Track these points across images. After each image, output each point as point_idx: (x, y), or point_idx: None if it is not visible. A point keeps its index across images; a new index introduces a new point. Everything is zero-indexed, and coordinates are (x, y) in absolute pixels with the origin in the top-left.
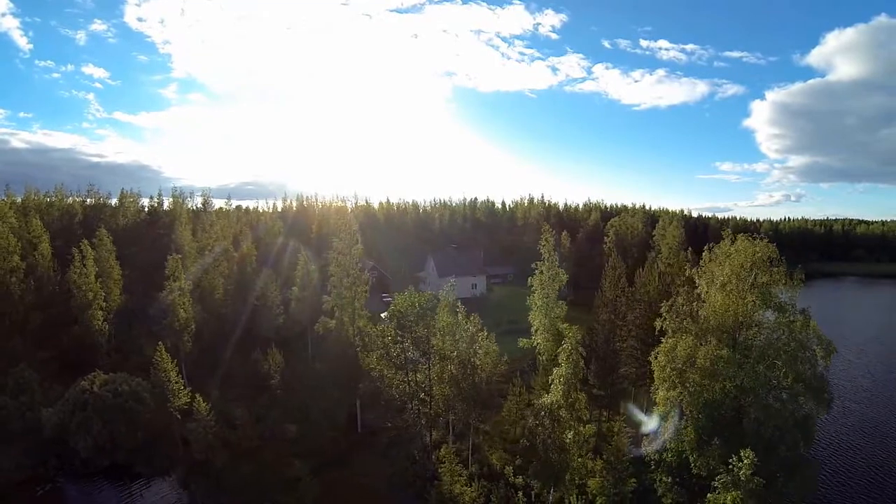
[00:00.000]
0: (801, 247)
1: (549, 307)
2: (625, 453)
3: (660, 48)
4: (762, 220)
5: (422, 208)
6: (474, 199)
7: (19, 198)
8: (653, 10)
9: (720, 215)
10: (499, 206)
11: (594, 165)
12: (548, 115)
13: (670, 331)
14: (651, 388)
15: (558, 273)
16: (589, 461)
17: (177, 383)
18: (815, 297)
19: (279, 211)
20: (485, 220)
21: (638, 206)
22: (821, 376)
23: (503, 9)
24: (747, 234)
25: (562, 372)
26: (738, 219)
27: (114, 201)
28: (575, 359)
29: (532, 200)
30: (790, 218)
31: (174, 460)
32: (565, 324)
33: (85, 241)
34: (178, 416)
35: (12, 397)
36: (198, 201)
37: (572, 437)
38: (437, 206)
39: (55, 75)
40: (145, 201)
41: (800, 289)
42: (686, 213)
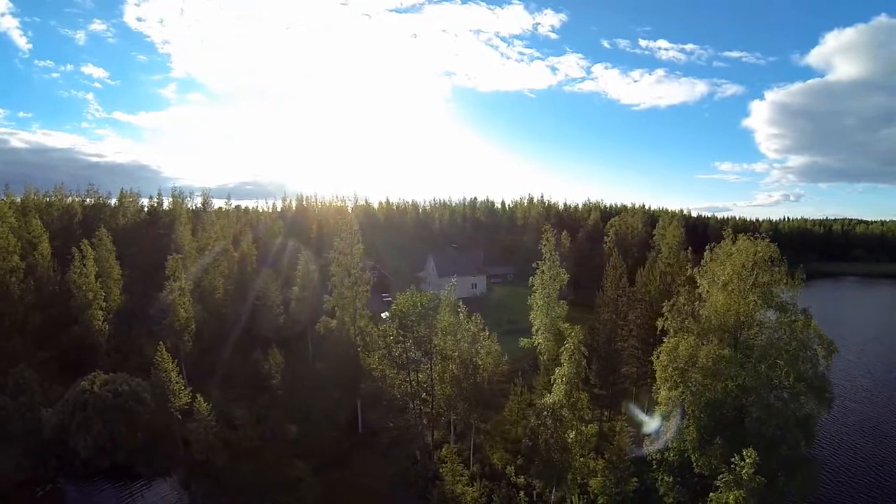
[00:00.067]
0: (801, 247)
1: (550, 307)
2: (626, 453)
3: (659, 48)
4: (761, 219)
5: (421, 208)
6: (474, 198)
7: (19, 198)
8: (652, 10)
9: (719, 215)
10: (498, 205)
11: (594, 165)
12: (547, 114)
13: (672, 330)
14: (653, 388)
15: (559, 273)
16: (591, 461)
17: (177, 383)
18: (815, 296)
19: (279, 211)
20: (484, 220)
21: (637, 205)
22: (822, 376)
23: (502, 8)
24: (748, 233)
25: (564, 371)
26: (738, 219)
27: (113, 201)
28: (577, 358)
29: (532, 200)
30: (789, 218)
31: (175, 461)
32: (566, 323)
33: (85, 240)
34: (179, 417)
35: (12, 398)
36: (197, 201)
37: (574, 437)
38: (437, 205)
39: (54, 75)
40: (145, 201)
41: (801, 288)
42: (685, 212)
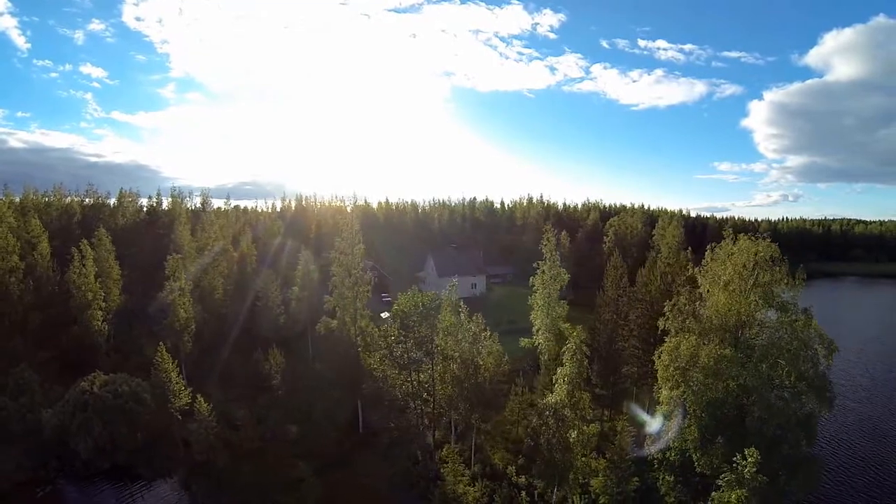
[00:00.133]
0: (800, 247)
1: (550, 307)
2: (628, 452)
3: (658, 48)
4: (760, 220)
5: (421, 208)
6: (473, 198)
7: (18, 197)
8: (651, 10)
9: (718, 215)
10: (498, 206)
11: (593, 165)
12: (546, 114)
13: (673, 330)
14: (654, 388)
15: (560, 273)
16: (592, 460)
17: (177, 384)
18: (814, 296)
19: (278, 211)
20: (484, 220)
21: (637, 205)
22: (823, 375)
23: (501, 8)
24: (748, 233)
25: (566, 371)
26: (737, 219)
27: (112, 201)
28: (579, 358)
29: (531, 200)
30: (788, 218)
31: (175, 461)
32: (567, 323)
33: (84, 240)
34: (179, 417)
35: (12, 398)
36: (196, 201)
37: (576, 437)
38: (437, 205)
39: (53, 75)
40: (144, 201)
41: (801, 288)
42: (684, 212)
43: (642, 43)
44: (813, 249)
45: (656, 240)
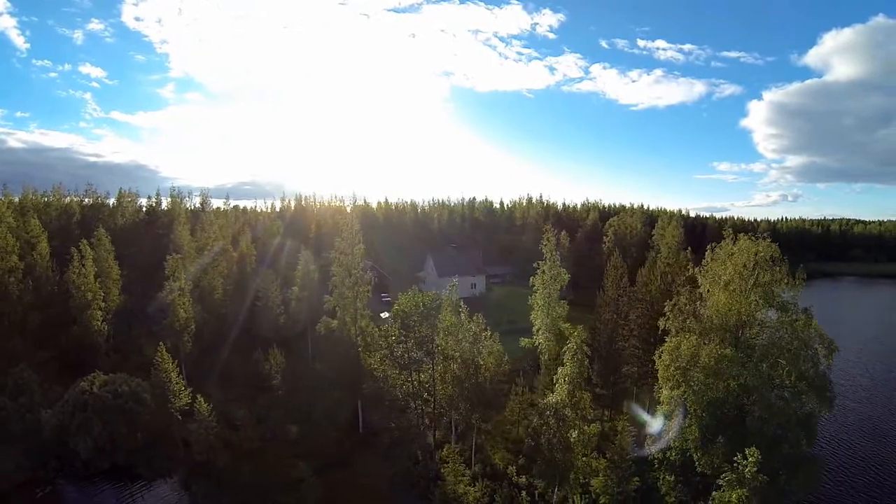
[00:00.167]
0: (799, 247)
1: (550, 307)
2: (628, 452)
3: (657, 48)
4: (759, 220)
5: (420, 208)
6: (473, 198)
7: (17, 197)
8: (650, 10)
9: (717, 215)
10: (497, 206)
11: (592, 165)
12: (545, 114)
13: (674, 330)
14: (654, 388)
15: (560, 273)
16: (593, 460)
17: (177, 384)
18: (814, 296)
19: (277, 211)
20: (483, 220)
21: (636, 205)
22: (823, 375)
23: (501, 8)
24: (748, 233)
25: (567, 371)
26: (736, 219)
27: (112, 201)
28: (580, 358)
29: (530, 200)
30: (787, 218)
31: (175, 461)
32: (567, 323)
33: (84, 240)
34: (179, 417)
35: (12, 398)
36: (196, 201)
37: (577, 437)
38: (436, 205)
39: (52, 75)
40: (143, 201)
41: (802, 288)
42: (684, 212)
43: (641, 43)
44: (812, 249)
45: (656, 240)
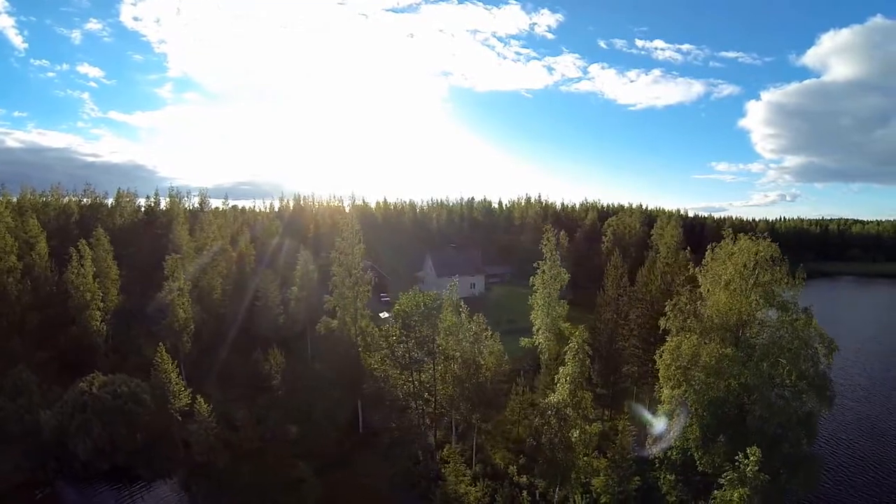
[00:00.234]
0: (797, 246)
1: (550, 306)
2: (629, 452)
3: (656, 48)
4: (758, 219)
5: (419, 208)
6: (471, 198)
7: (15, 197)
8: (649, 10)
9: (716, 215)
10: (496, 205)
11: (590, 165)
12: (544, 114)
13: (674, 329)
14: (655, 387)
15: (560, 272)
16: (594, 460)
17: (177, 384)
18: (812, 296)
19: (276, 211)
20: (482, 220)
21: (635, 205)
22: (823, 374)
23: (499, 8)
24: (747, 233)
25: (568, 371)
26: (735, 218)
27: (110, 201)
28: (581, 357)
29: (529, 200)
30: (786, 218)
31: (175, 462)
32: (567, 323)
33: (82, 240)
34: (179, 418)
35: (10, 399)
36: (194, 201)
37: (578, 436)
38: (435, 205)
39: (50, 74)
40: (142, 201)
41: (802, 287)
42: (682, 212)
43: (640, 43)
44: (810, 249)
45: (655, 239)
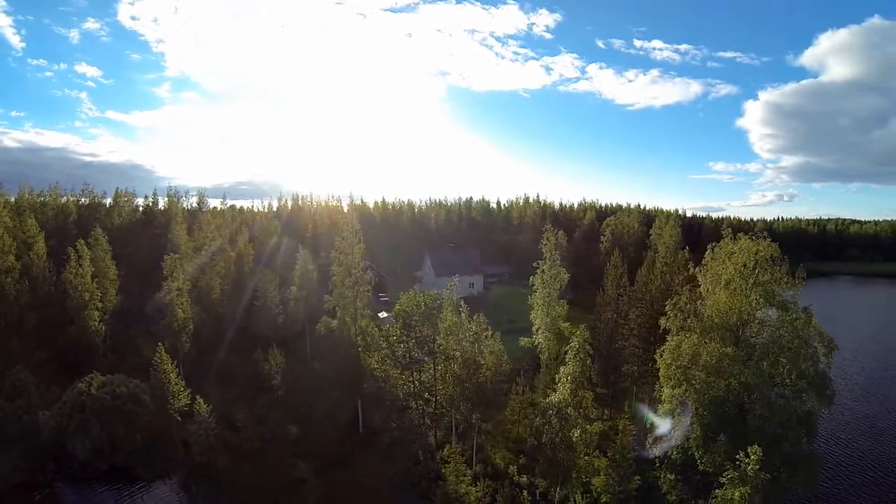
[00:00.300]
0: (795, 246)
1: (550, 306)
2: (630, 451)
3: (653, 48)
4: (755, 219)
5: (417, 208)
6: (469, 198)
7: (13, 197)
8: (647, 11)
9: (714, 215)
10: (494, 205)
11: (588, 165)
12: (542, 114)
13: (674, 329)
14: (655, 387)
15: (560, 272)
16: (595, 459)
17: (176, 384)
18: (810, 296)
19: (274, 210)
20: (480, 220)
21: (633, 205)
22: (823, 373)
23: (497, 8)
24: (746, 233)
25: (569, 370)
26: (732, 218)
27: (108, 201)
28: (582, 357)
29: (527, 200)
30: (783, 218)
31: (174, 463)
32: (566, 323)
33: (81, 240)
34: (178, 418)
35: (9, 400)
36: (193, 201)
37: (579, 436)
38: (433, 205)
39: (48, 74)
40: (140, 201)
41: (801, 287)
42: (681, 212)
43: (638, 43)
44: (808, 249)
45: (653, 239)
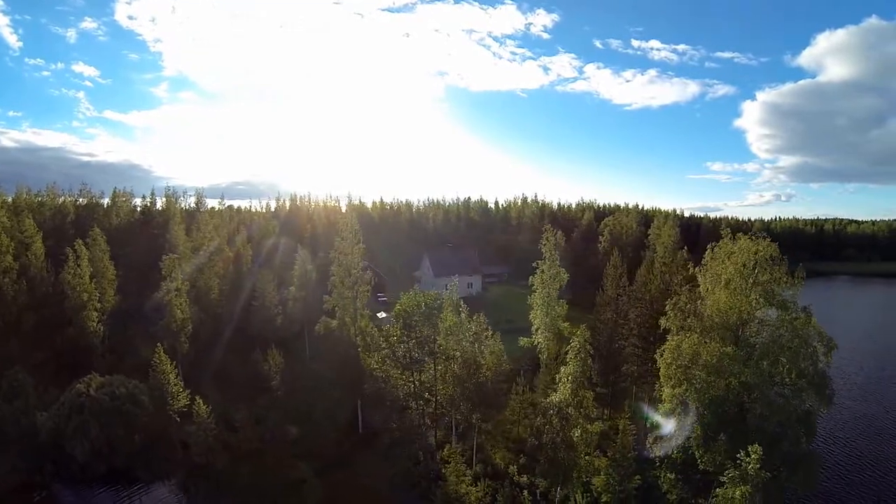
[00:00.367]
0: (793, 246)
1: (549, 306)
2: (630, 451)
3: (651, 48)
4: (753, 219)
5: (415, 208)
6: (468, 198)
7: (10, 197)
8: (644, 11)
9: (711, 215)
10: (492, 205)
11: (586, 165)
12: (539, 114)
13: (674, 329)
14: (656, 386)
15: (559, 272)
16: (595, 459)
17: (175, 385)
18: (808, 295)
19: (272, 211)
20: (478, 220)
21: (631, 205)
22: (822, 372)
23: (495, 8)
24: (745, 233)
25: (570, 370)
26: (730, 218)
27: (106, 201)
28: (583, 357)
29: (525, 200)
30: (781, 217)
31: (173, 464)
32: (566, 323)
33: (79, 240)
34: (177, 419)
35: (7, 401)
36: (191, 201)
37: (580, 435)
38: (431, 205)
39: (45, 73)
40: (137, 201)
41: (801, 287)
42: (678, 212)
43: (636, 43)
44: (806, 249)
45: (652, 239)
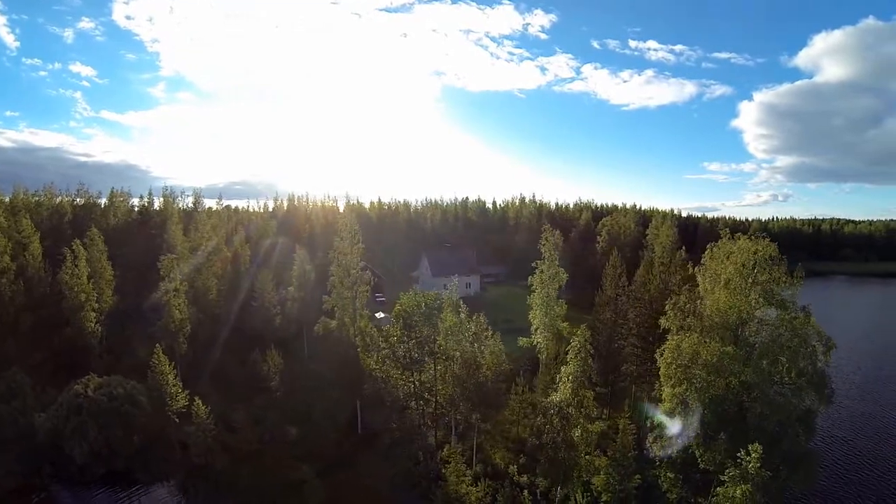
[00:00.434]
0: (790, 246)
1: (549, 306)
2: (630, 450)
3: (648, 49)
4: (751, 219)
5: (413, 208)
6: (465, 198)
7: (7, 197)
8: (642, 11)
9: (709, 215)
10: (490, 205)
11: (584, 165)
12: (537, 114)
13: (674, 328)
14: (655, 386)
15: (558, 272)
16: (595, 458)
17: (174, 386)
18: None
19: (270, 211)
20: (476, 220)
21: (628, 205)
22: (821, 371)
23: (492, 8)
24: (743, 233)
25: (570, 370)
26: (728, 218)
27: (103, 201)
28: (583, 357)
29: (523, 200)
30: (778, 217)
31: (172, 465)
32: (565, 323)
33: (77, 241)
34: (176, 420)
35: (4, 402)
36: (188, 201)
37: (580, 435)
38: (429, 205)
39: (42, 73)
40: (135, 201)
41: (800, 286)
42: (676, 212)
43: (633, 43)
44: (803, 249)
45: (650, 239)
